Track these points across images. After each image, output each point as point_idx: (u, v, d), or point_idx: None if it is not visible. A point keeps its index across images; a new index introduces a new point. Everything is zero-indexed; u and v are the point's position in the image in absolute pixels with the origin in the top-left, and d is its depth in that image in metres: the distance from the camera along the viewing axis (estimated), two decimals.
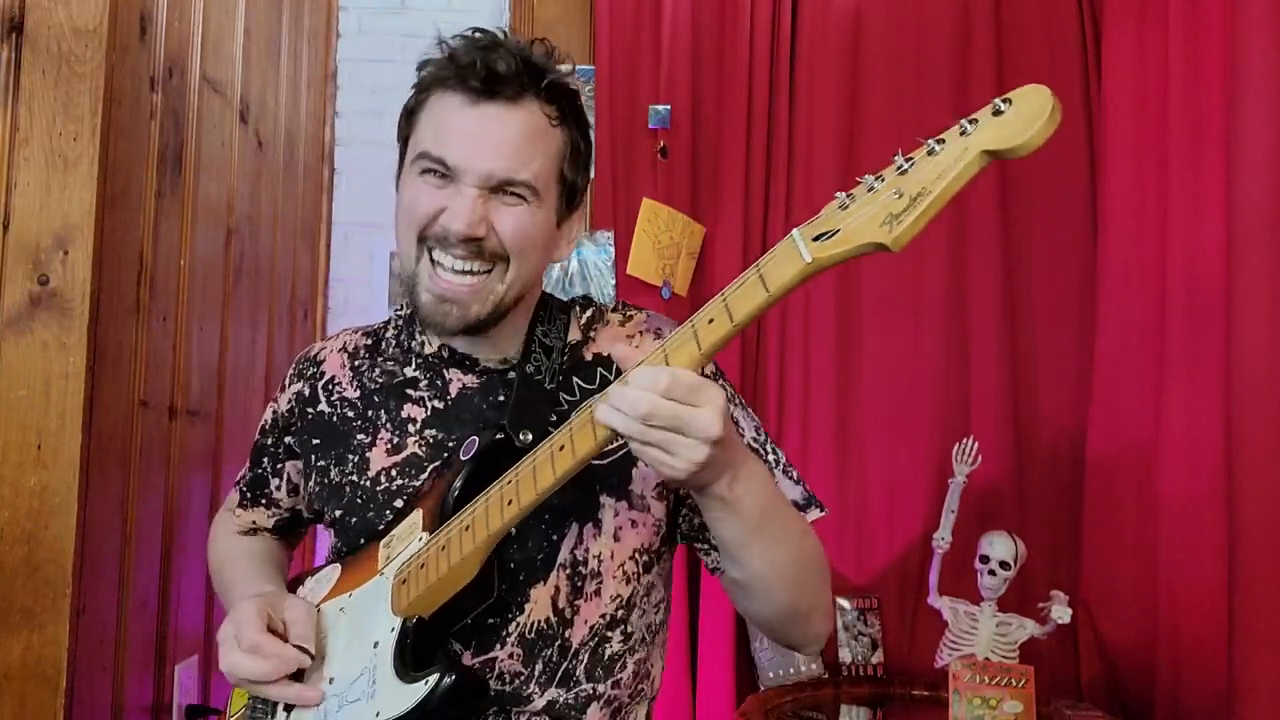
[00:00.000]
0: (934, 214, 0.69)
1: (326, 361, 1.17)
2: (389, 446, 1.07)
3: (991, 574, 1.97)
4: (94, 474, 1.33)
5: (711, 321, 0.78)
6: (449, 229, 0.98)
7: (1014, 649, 1.94)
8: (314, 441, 1.12)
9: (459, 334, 1.04)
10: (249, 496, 1.23)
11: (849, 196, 0.73)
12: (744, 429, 1.08)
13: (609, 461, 1.02)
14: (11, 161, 1.30)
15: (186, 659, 1.65)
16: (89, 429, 1.31)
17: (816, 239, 0.73)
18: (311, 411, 1.14)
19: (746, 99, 2.24)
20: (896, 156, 0.71)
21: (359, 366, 1.14)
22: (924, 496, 2.18)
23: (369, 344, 1.16)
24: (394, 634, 0.94)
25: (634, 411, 0.78)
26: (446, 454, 1.04)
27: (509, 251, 1.00)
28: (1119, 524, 2.03)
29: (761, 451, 1.08)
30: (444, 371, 1.09)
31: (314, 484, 1.11)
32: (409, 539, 0.98)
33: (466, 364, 1.09)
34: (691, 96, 2.24)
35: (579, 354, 1.09)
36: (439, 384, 1.09)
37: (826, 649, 2.13)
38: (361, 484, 1.07)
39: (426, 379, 1.09)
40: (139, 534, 1.46)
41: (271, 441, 1.20)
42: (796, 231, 0.75)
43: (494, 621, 0.99)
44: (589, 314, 1.13)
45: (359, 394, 1.12)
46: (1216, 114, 1.89)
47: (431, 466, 1.04)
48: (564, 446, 0.85)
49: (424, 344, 1.12)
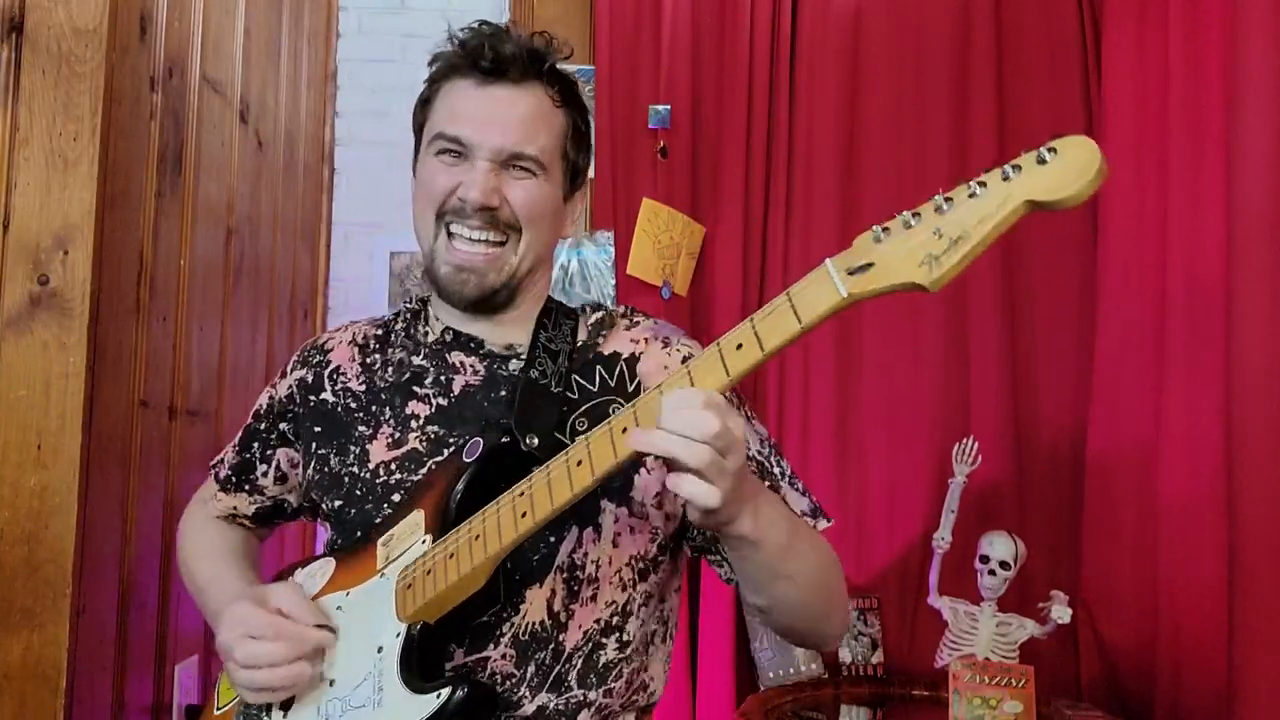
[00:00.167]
0: (974, 258, 0.70)
1: (334, 351, 1.18)
2: (390, 440, 1.07)
3: (991, 574, 1.97)
4: (94, 474, 1.33)
5: (740, 348, 0.77)
6: (465, 199, 1.05)
7: (1014, 649, 1.94)
8: (315, 429, 1.13)
9: (474, 306, 1.09)
10: (233, 481, 1.22)
11: (884, 230, 0.73)
12: (749, 442, 1.07)
13: None
14: (11, 161, 1.30)
15: (186, 659, 1.65)
16: (89, 429, 1.31)
17: (851, 272, 0.73)
18: (314, 399, 1.14)
19: (746, 99, 2.24)
20: (937, 196, 0.71)
21: (368, 362, 1.15)
22: (924, 496, 2.18)
23: (379, 334, 1.18)
24: (399, 640, 0.93)
25: (705, 431, 0.75)
26: (447, 450, 1.04)
27: (521, 221, 1.07)
28: (1119, 524, 2.03)
29: (768, 464, 1.08)
30: (448, 357, 1.11)
31: (314, 471, 1.11)
32: (410, 540, 0.97)
33: (471, 346, 1.11)
34: (691, 96, 2.24)
35: (585, 355, 1.10)
36: (444, 379, 1.09)
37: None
38: (361, 476, 1.07)
39: (434, 371, 1.10)
40: (139, 534, 1.46)
41: (265, 427, 1.20)
42: (830, 263, 0.75)
43: (488, 620, 0.98)
44: (598, 317, 1.14)
45: (365, 388, 1.13)
46: (1216, 114, 1.89)
47: (431, 462, 1.04)
48: (581, 462, 0.84)
49: (428, 332, 1.14)
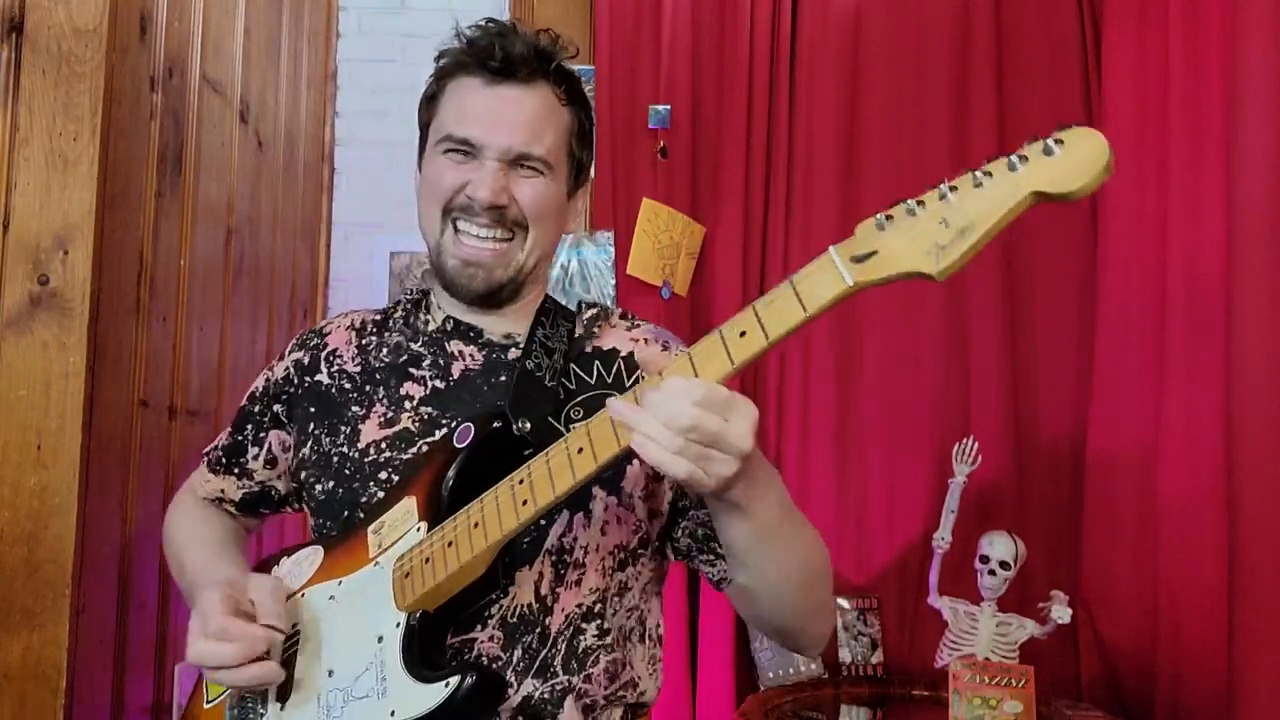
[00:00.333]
0: (980, 248, 0.69)
1: (331, 335, 1.19)
2: (382, 420, 1.08)
3: (991, 574, 1.97)
4: (94, 474, 1.33)
5: (743, 335, 0.77)
6: (474, 197, 1.05)
7: (1014, 649, 1.94)
8: (310, 409, 1.13)
9: (481, 300, 1.10)
10: (223, 463, 1.22)
11: (886, 218, 0.72)
12: None
13: None
14: (11, 161, 1.30)
15: (186, 659, 1.65)
16: (89, 429, 1.31)
17: (856, 260, 0.73)
18: (309, 380, 1.15)
19: (746, 99, 2.24)
20: (941, 184, 0.71)
21: (365, 344, 1.16)
22: (924, 496, 2.18)
23: (377, 320, 1.19)
24: (400, 629, 0.93)
25: (675, 424, 0.76)
26: (439, 432, 1.04)
27: (528, 219, 1.08)
28: (1119, 524, 2.03)
29: None
30: (447, 345, 1.11)
31: (309, 451, 1.11)
32: (403, 528, 0.97)
33: (470, 335, 1.12)
34: (691, 96, 2.24)
35: (580, 347, 1.10)
36: (442, 363, 1.10)
37: (826, 649, 2.12)
38: (350, 455, 1.07)
39: (431, 356, 1.11)
40: (139, 534, 1.46)
41: (259, 409, 1.20)
42: (834, 250, 0.74)
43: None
44: (593, 313, 1.15)
45: (360, 369, 1.13)
46: (1216, 114, 1.89)
47: (422, 442, 1.05)
48: (583, 449, 0.84)
49: (429, 321, 1.15)
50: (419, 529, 0.96)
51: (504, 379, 1.07)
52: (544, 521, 1.00)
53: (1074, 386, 2.17)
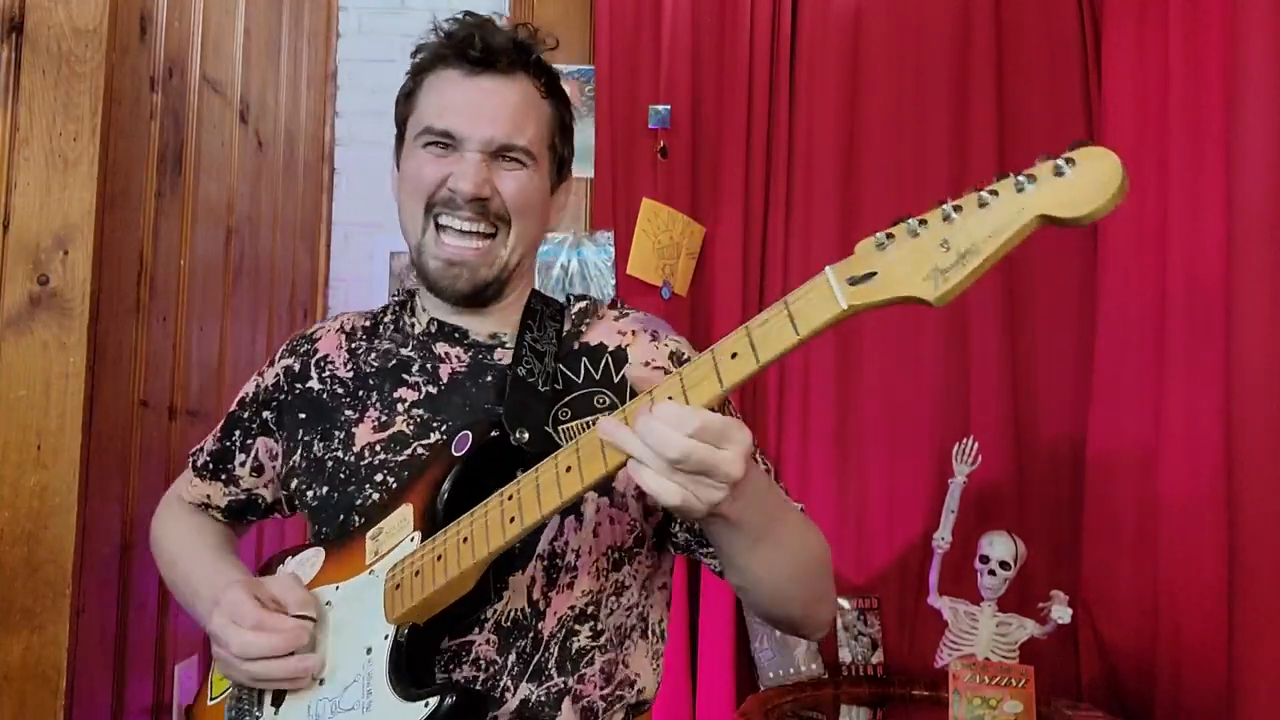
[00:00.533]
0: (982, 273, 0.67)
1: (321, 340, 1.18)
2: (376, 423, 1.07)
3: (991, 574, 1.97)
4: (94, 474, 1.33)
5: (735, 357, 0.75)
6: (457, 190, 1.04)
7: (1014, 649, 1.94)
8: (300, 416, 1.13)
9: (465, 300, 1.09)
10: (210, 469, 1.21)
11: (888, 236, 0.70)
12: None
13: None
14: (11, 161, 1.30)
15: (186, 659, 1.65)
16: (89, 429, 1.31)
17: (853, 282, 0.70)
18: (300, 387, 1.14)
19: (746, 99, 2.24)
20: (945, 204, 0.68)
21: (355, 349, 1.15)
22: (924, 496, 2.18)
23: (367, 325, 1.18)
24: (388, 642, 0.93)
25: (665, 454, 0.75)
26: (433, 434, 1.04)
27: (511, 213, 1.06)
28: (1119, 524, 2.03)
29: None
30: (434, 348, 1.11)
31: (299, 459, 1.11)
32: (399, 536, 0.97)
33: (456, 336, 1.11)
34: (691, 96, 2.24)
35: (568, 345, 1.09)
36: (430, 367, 1.10)
37: (826, 649, 2.13)
38: (345, 459, 1.07)
39: (420, 360, 1.11)
40: (139, 534, 1.46)
41: (248, 415, 1.19)
42: (830, 271, 0.72)
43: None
44: (581, 306, 1.14)
45: (352, 374, 1.13)
46: (1216, 114, 1.89)
47: (416, 444, 1.04)
48: (570, 468, 0.83)
49: (415, 324, 1.15)
50: (413, 539, 0.96)
51: (490, 379, 1.07)
52: None
53: (1074, 387, 2.17)
